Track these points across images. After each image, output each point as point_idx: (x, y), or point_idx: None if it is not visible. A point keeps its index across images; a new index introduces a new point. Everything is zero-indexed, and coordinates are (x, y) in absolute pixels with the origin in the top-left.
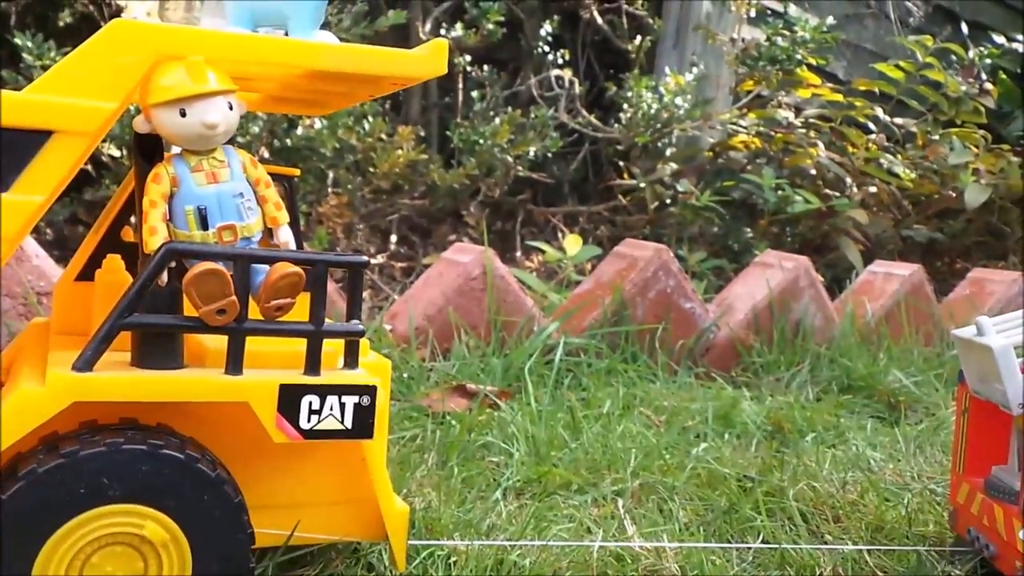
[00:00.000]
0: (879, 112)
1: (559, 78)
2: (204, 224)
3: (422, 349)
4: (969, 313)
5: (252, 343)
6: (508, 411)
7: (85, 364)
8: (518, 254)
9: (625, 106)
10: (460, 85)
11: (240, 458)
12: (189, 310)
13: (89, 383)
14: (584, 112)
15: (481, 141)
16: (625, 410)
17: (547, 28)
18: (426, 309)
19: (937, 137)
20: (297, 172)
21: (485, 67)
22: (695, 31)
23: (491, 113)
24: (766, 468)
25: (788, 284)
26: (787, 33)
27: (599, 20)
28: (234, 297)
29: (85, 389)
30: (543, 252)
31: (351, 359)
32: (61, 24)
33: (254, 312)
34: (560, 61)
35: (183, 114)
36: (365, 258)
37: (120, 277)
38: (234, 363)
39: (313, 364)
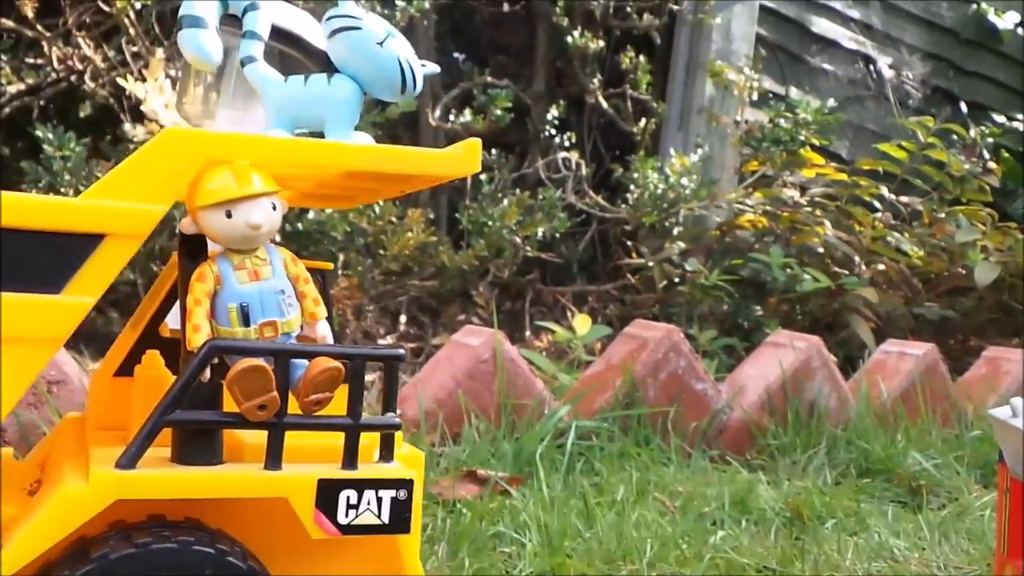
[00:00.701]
0: (884, 191)
1: (566, 160)
2: (246, 321)
3: (432, 434)
4: (986, 393)
5: (287, 437)
6: (520, 498)
7: (129, 461)
8: (527, 334)
9: (632, 187)
10: None
11: (271, 550)
12: (229, 405)
13: (133, 481)
14: (591, 193)
15: (490, 223)
16: (639, 496)
17: (553, 112)
18: (436, 393)
19: (943, 215)
20: (330, 266)
21: (493, 151)
22: (699, 114)
23: (499, 195)
24: (786, 558)
25: (801, 364)
26: (789, 115)
27: (604, 104)
28: (275, 392)
29: (129, 487)
30: (553, 332)
31: (387, 452)
32: (82, 115)
33: (292, 407)
34: (567, 144)
35: (229, 215)
36: (401, 351)
37: (160, 373)
38: (273, 458)
39: (351, 458)
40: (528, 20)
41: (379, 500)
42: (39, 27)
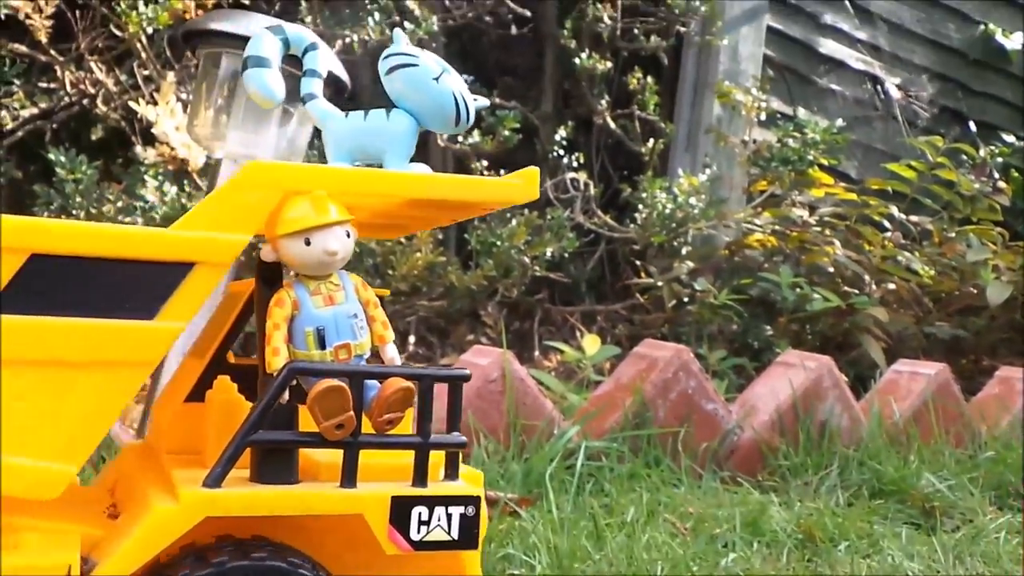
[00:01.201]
0: (894, 210)
1: (574, 180)
2: (322, 344)
3: None
4: (999, 413)
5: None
6: (529, 520)
7: (215, 481)
8: (536, 354)
9: (640, 207)
10: None
11: (333, 564)
12: (304, 425)
13: (220, 499)
14: (600, 213)
15: (498, 243)
16: (649, 517)
17: (561, 133)
18: (445, 413)
19: (954, 235)
20: (387, 292)
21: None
22: (706, 134)
23: (508, 215)
24: None
25: (811, 384)
26: (797, 135)
27: (612, 125)
28: (351, 412)
29: (217, 505)
30: (562, 352)
31: (452, 470)
32: (94, 139)
33: (364, 426)
34: (575, 164)
35: (307, 243)
36: (467, 372)
37: (234, 397)
38: (349, 476)
39: (421, 476)
40: (536, 42)
41: (449, 517)
42: (52, 52)
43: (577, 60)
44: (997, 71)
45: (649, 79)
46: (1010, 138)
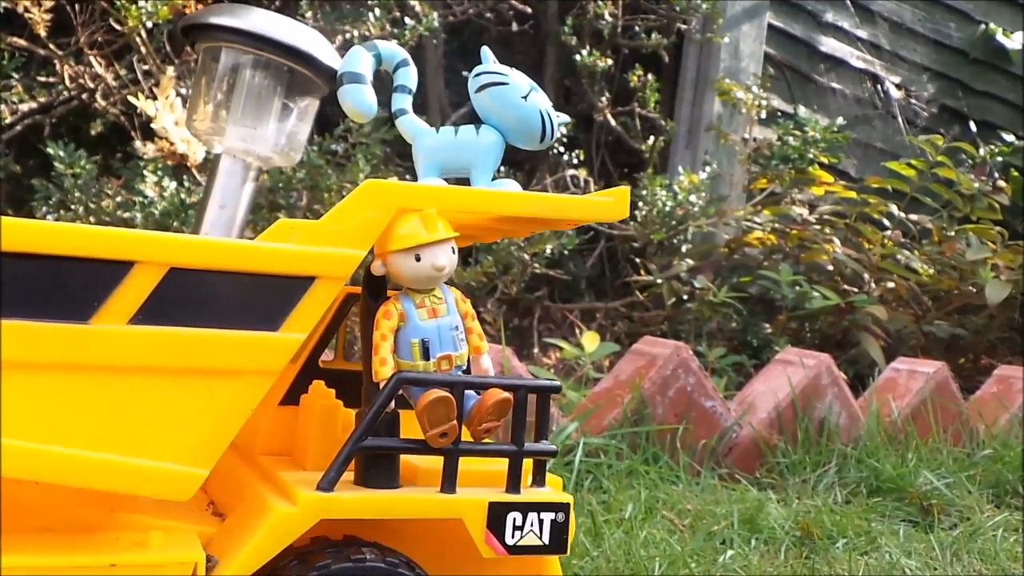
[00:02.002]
0: (893, 209)
1: (574, 178)
2: (426, 355)
3: None
4: (997, 411)
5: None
6: None
7: (328, 485)
8: (535, 351)
9: (640, 204)
10: None
11: (426, 566)
12: (407, 432)
13: (335, 502)
14: None
15: (498, 239)
16: (647, 514)
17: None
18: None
19: (953, 233)
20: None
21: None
22: (707, 131)
23: None
24: None
25: (810, 382)
26: (798, 133)
27: (612, 122)
28: (455, 421)
29: (332, 508)
30: (561, 349)
31: (540, 477)
32: (93, 133)
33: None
34: (575, 161)
35: (418, 259)
36: (558, 384)
37: (331, 402)
38: (449, 482)
39: (514, 483)
40: (537, 39)
41: (540, 522)
42: (51, 46)
43: (578, 57)
44: (997, 70)
45: (650, 76)
46: (1010, 137)
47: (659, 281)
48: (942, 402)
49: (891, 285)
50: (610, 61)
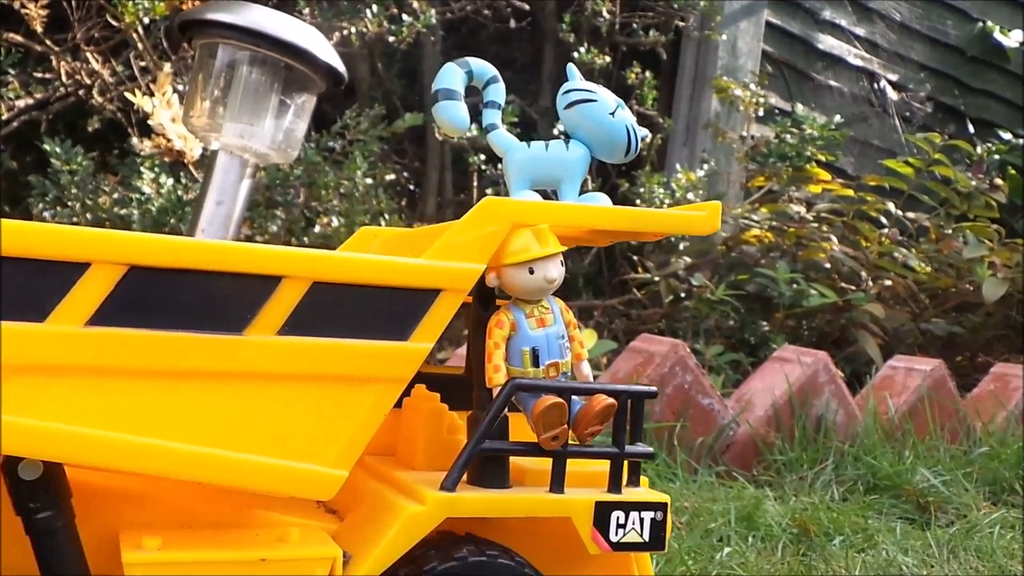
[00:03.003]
0: (891, 207)
1: None
2: (536, 362)
3: None
4: (994, 409)
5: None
6: None
7: (452, 485)
8: None
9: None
10: (475, 183)
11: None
12: (516, 435)
13: (459, 501)
14: None
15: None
16: None
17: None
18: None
19: (950, 231)
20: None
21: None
22: (705, 129)
23: None
24: (793, 575)
25: (807, 379)
26: (795, 131)
27: None
28: (566, 426)
29: (457, 506)
30: None
31: (635, 478)
32: (90, 130)
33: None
34: None
35: (531, 271)
36: (655, 389)
37: (436, 405)
38: (558, 482)
39: (616, 483)
40: (534, 36)
41: (641, 521)
42: (48, 41)
43: (576, 54)
44: (995, 68)
45: (647, 74)
46: (1007, 135)
47: (657, 279)
48: (939, 400)
49: (888, 283)
50: (608, 58)
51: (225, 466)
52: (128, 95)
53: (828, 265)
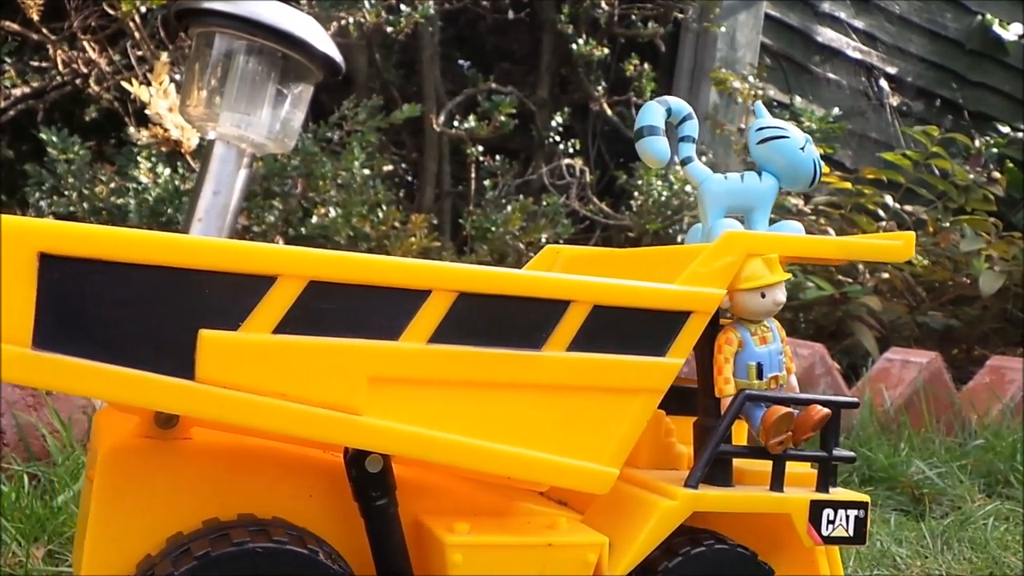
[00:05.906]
0: (888, 200)
1: (570, 167)
2: (760, 375)
3: None
4: (990, 402)
5: (755, 464)
6: None
7: (695, 482)
8: None
9: (636, 194)
10: (473, 174)
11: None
12: (737, 438)
13: (703, 497)
14: (595, 200)
15: (493, 228)
16: None
17: (558, 119)
18: None
19: (948, 224)
20: None
21: (497, 157)
22: (703, 121)
23: (503, 201)
24: None
25: (804, 371)
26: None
27: (609, 111)
28: (791, 432)
29: (702, 502)
30: None
31: (833, 479)
32: (87, 119)
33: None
34: (571, 150)
35: (763, 296)
36: (857, 400)
37: (656, 411)
38: (778, 482)
39: (824, 483)
40: (533, 27)
41: (847, 518)
42: (44, 30)
43: (574, 46)
44: (993, 61)
45: (646, 66)
46: (1005, 128)
47: None
48: (935, 392)
49: (885, 276)
50: (606, 50)
51: (525, 463)
52: (125, 84)
53: None
